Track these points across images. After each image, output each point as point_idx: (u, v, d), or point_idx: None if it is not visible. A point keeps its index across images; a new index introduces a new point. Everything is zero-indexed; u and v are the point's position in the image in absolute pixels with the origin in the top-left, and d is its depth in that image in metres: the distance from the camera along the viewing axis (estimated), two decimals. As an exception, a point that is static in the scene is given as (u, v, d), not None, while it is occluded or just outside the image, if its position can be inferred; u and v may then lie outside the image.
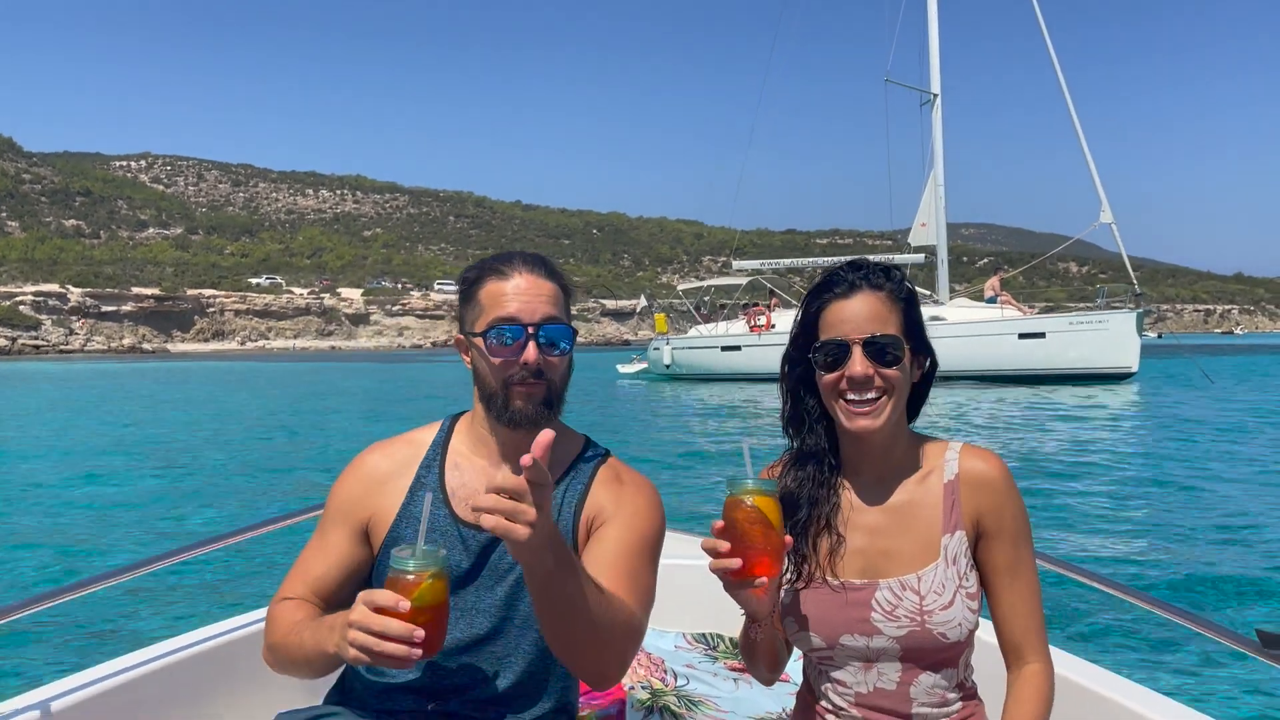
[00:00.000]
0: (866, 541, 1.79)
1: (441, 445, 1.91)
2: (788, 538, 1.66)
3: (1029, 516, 1.80)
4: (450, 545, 1.79)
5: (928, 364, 1.85)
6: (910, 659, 1.75)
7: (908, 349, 1.77)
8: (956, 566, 1.74)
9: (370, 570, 1.88)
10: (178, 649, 2.40)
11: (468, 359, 1.88)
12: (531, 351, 1.78)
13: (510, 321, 1.78)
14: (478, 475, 1.86)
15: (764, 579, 1.61)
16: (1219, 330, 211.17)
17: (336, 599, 1.81)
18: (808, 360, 1.81)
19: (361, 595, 1.48)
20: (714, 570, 1.63)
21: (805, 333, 1.84)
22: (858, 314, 1.76)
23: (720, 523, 1.63)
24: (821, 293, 1.82)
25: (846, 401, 1.75)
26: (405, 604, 1.45)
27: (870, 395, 1.73)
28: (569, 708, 1.93)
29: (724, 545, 1.60)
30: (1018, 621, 1.77)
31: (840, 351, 1.75)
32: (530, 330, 1.78)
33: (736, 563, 1.60)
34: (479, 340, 1.81)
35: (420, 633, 1.44)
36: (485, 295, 1.82)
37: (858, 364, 1.73)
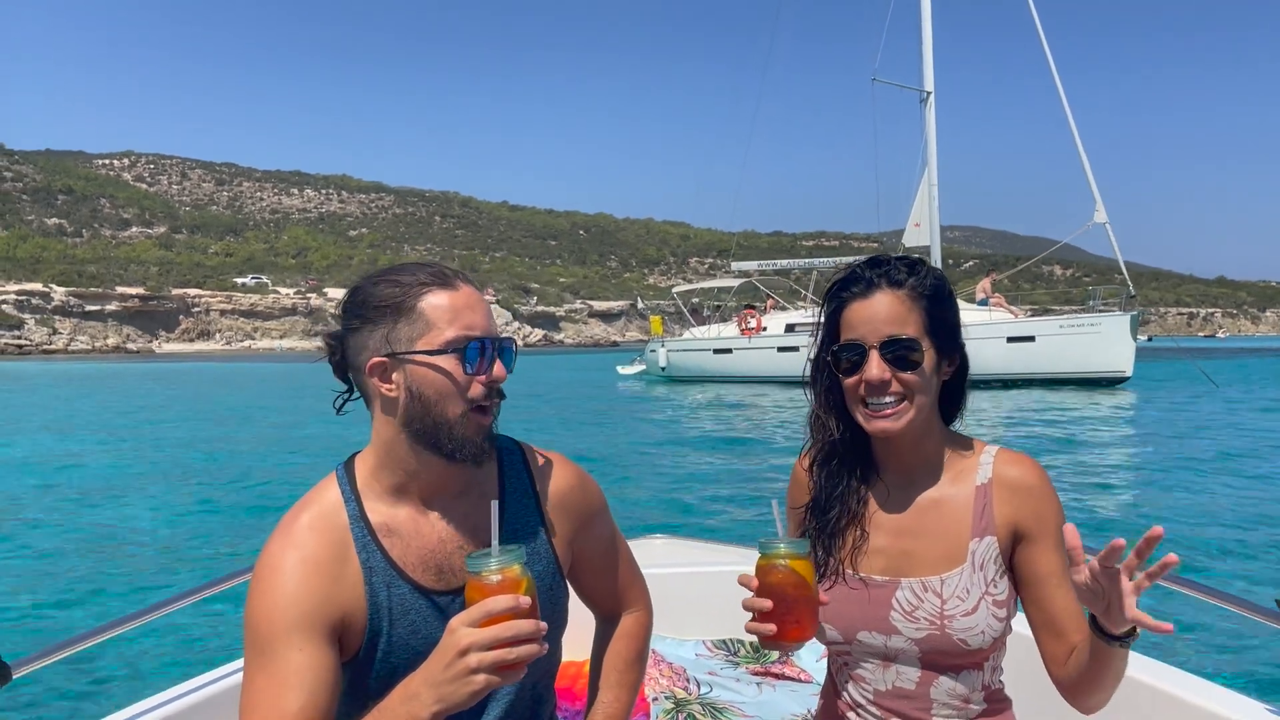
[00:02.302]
0: (890, 540, 1.75)
1: (358, 515, 1.64)
2: (823, 596, 1.65)
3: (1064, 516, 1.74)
4: (427, 620, 1.62)
5: (959, 361, 1.77)
6: (930, 661, 1.71)
7: (933, 349, 1.70)
8: (984, 573, 1.70)
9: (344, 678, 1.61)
10: (184, 693, 2.35)
11: (389, 386, 1.60)
12: (501, 368, 1.61)
13: (479, 335, 1.59)
14: (415, 531, 1.66)
15: (799, 643, 1.61)
16: (1202, 333, 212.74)
17: None
18: (830, 359, 1.75)
19: (460, 618, 1.37)
20: (750, 631, 1.61)
21: (827, 332, 1.77)
22: (875, 315, 1.68)
23: (756, 581, 1.60)
24: (840, 291, 1.75)
25: (866, 405, 1.70)
26: (527, 600, 1.36)
27: (889, 399, 1.68)
28: None
29: (765, 604, 1.57)
30: (1073, 621, 1.68)
31: (858, 354, 1.69)
32: (493, 345, 1.61)
33: (772, 628, 1.58)
34: (439, 359, 1.58)
35: (545, 626, 1.38)
36: (434, 310, 1.58)
37: (874, 368, 1.66)
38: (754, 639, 1.71)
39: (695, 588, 3.21)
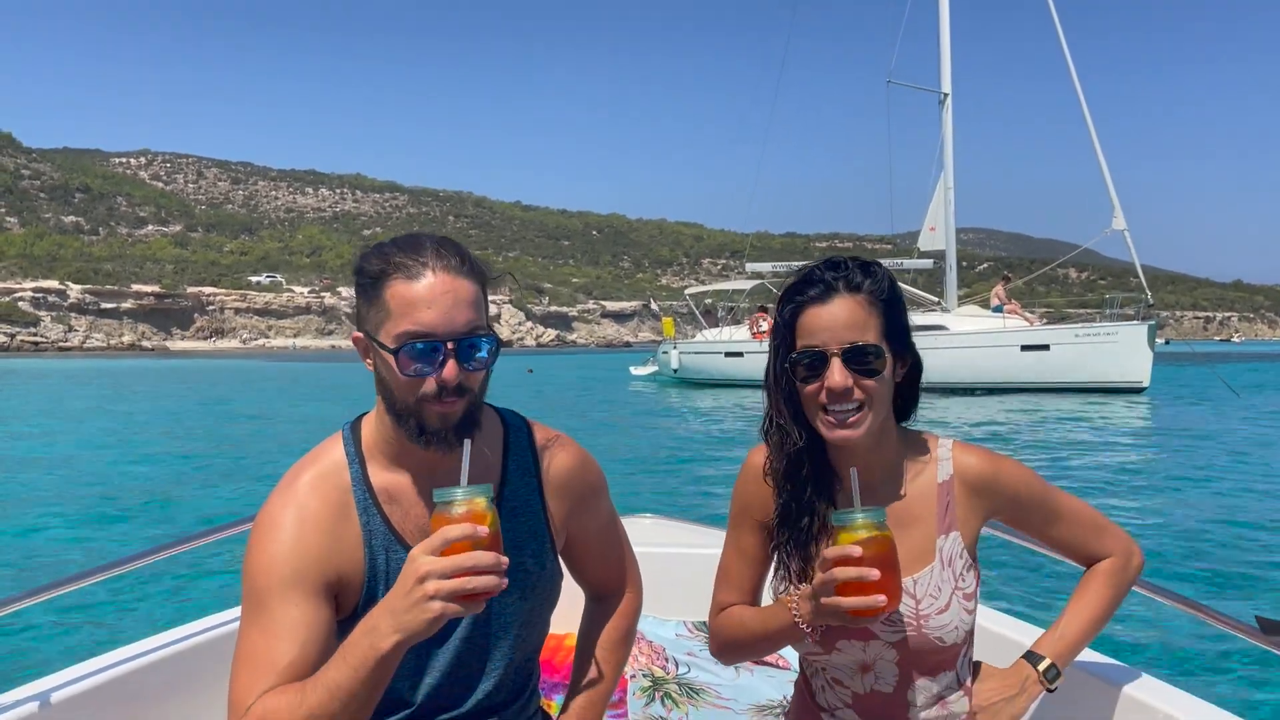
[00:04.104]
0: None
1: (361, 478, 1.65)
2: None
3: (1033, 471, 1.81)
4: None
5: (910, 362, 1.73)
6: (907, 662, 1.71)
7: (890, 354, 1.66)
8: (952, 568, 1.70)
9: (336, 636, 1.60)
10: (180, 639, 2.37)
11: (369, 362, 1.61)
12: (451, 370, 1.52)
13: (426, 336, 1.51)
14: (415, 499, 1.66)
15: (888, 613, 1.58)
16: (1218, 338, 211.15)
17: None
18: (788, 366, 1.69)
19: (420, 546, 1.37)
20: (849, 606, 1.51)
21: (782, 339, 1.71)
22: (835, 320, 1.64)
23: (858, 551, 1.50)
24: (794, 295, 1.70)
25: (826, 413, 1.65)
26: (485, 529, 1.35)
27: (850, 406, 1.63)
28: (538, 696, 1.93)
29: (874, 573, 1.49)
30: (1076, 543, 1.82)
31: (818, 361, 1.64)
32: (450, 347, 1.52)
33: (883, 599, 1.49)
34: (388, 356, 1.54)
35: (506, 560, 1.37)
36: (393, 298, 1.53)
37: (836, 375, 1.62)
38: None
39: (680, 568, 3.22)
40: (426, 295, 1.52)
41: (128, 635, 2.46)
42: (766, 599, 1.86)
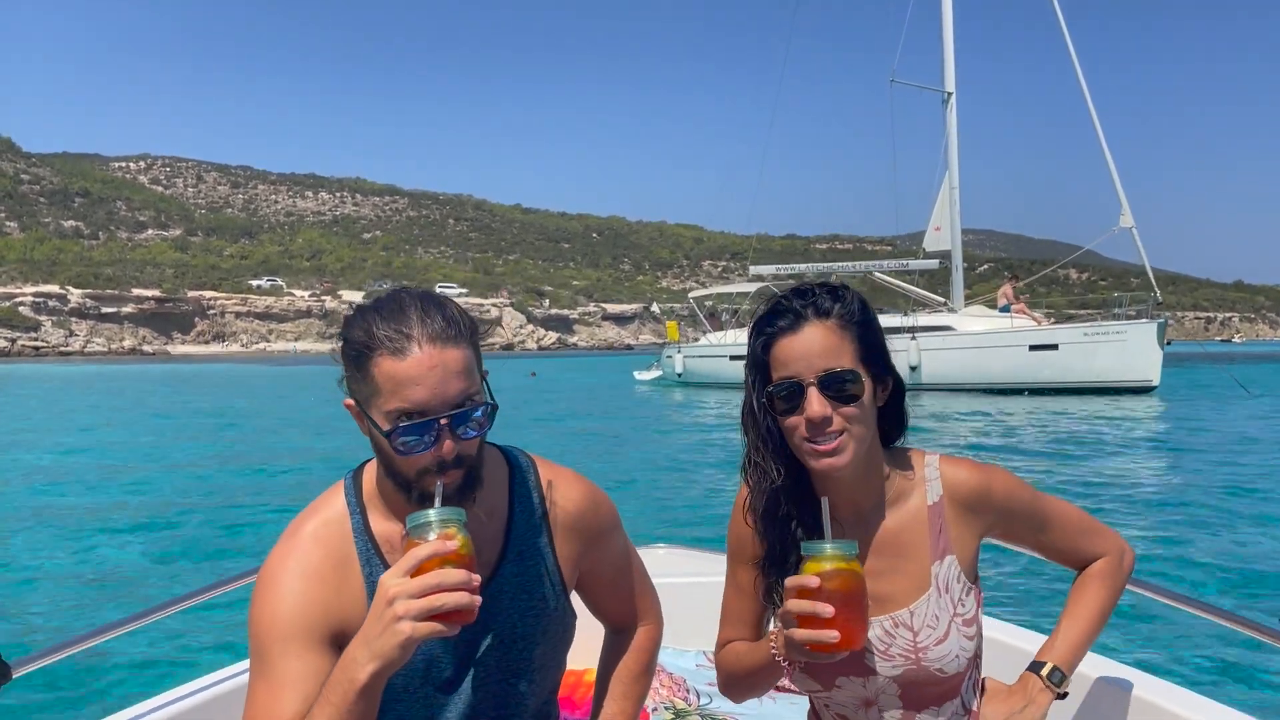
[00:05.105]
0: None
1: (363, 528, 1.64)
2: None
3: (1020, 479, 1.79)
4: (429, 643, 1.58)
5: (892, 384, 1.70)
6: (909, 695, 1.68)
7: (869, 377, 1.63)
8: (950, 594, 1.67)
9: None
10: (193, 692, 2.33)
11: (363, 427, 1.58)
12: (449, 447, 1.50)
13: (419, 415, 1.48)
14: None
15: (848, 651, 1.53)
16: (1219, 338, 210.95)
17: None
18: (766, 400, 1.66)
19: (389, 571, 1.38)
20: (804, 640, 1.50)
21: (758, 371, 1.69)
22: (809, 348, 1.61)
23: (815, 581, 1.49)
24: (764, 327, 1.67)
25: (808, 443, 1.62)
26: (453, 544, 1.36)
27: (832, 434, 1.60)
28: None
29: (828, 609, 1.47)
30: (1069, 548, 1.81)
31: (794, 392, 1.61)
32: (444, 423, 1.49)
33: (835, 635, 1.48)
34: (380, 436, 1.52)
35: (477, 578, 1.37)
36: (382, 376, 1.48)
37: (814, 404, 1.58)
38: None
39: (697, 598, 3.13)
40: (415, 372, 1.47)
41: (134, 696, 2.39)
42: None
